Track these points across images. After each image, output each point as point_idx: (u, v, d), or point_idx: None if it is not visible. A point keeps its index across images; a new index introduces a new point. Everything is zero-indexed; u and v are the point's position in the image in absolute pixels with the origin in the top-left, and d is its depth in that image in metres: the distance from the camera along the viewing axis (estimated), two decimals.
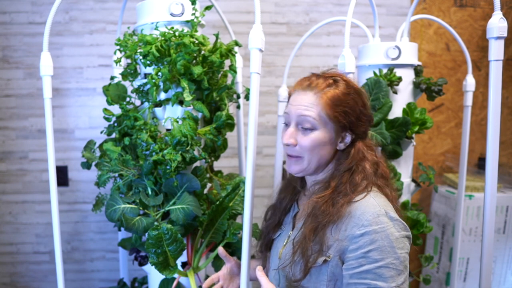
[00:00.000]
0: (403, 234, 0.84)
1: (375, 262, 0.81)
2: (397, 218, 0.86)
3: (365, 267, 0.82)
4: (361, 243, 0.82)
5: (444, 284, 2.07)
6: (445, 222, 2.05)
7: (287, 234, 1.00)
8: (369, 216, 0.83)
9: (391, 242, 0.82)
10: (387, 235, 0.82)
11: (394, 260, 0.81)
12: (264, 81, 2.02)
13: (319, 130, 0.90)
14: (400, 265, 0.82)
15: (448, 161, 2.20)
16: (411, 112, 1.37)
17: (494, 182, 1.08)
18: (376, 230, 0.82)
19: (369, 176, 0.91)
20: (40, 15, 1.92)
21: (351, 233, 0.84)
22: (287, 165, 0.96)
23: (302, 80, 0.95)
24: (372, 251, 0.81)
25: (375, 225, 0.82)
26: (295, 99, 0.93)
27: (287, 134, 0.92)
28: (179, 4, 1.21)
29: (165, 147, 1.19)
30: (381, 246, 0.81)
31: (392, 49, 1.35)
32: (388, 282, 0.80)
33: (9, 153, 1.98)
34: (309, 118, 0.89)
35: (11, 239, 2.04)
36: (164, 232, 1.12)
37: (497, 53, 1.02)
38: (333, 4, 2.02)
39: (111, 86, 1.29)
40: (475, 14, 2.10)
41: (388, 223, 0.83)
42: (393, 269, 0.81)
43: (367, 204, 0.86)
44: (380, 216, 0.83)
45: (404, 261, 0.83)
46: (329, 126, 0.90)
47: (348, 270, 0.84)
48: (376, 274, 0.81)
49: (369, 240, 0.82)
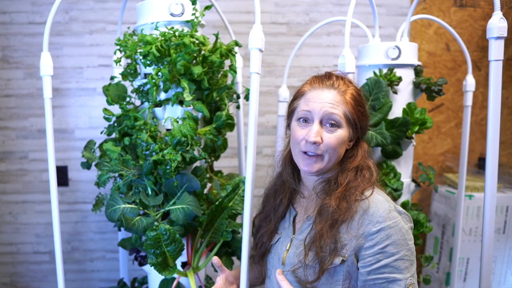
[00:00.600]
0: (410, 226, 0.89)
1: (392, 256, 0.84)
2: (403, 211, 0.89)
3: (383, 261, 0.84)
4: (377, 239, 0.85)
5: (444, 284, 2.07)
6: (445, 222, 2.05)
7: (288, 238, 0.99)
8: (382, 212, 0.86)
9: (404, 234, 0.85)
10: (400, 228, 0.85)
11: (407, 251, 0.85)
12: (264, 81, 2.02)
13: (342, 128, 0.91)
14: (411, 255, 0.86)
15: (448, 161, 2.20)
16: (411, 112, 1.37)
17: (494, 182, 1.08)
18: (390, 226, 0.85)
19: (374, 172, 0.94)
20: (40, 15, 1.92)
21: (367, 231, 0.86)
22: (305, 164, 0.92)
23: (321, 79, 0.94)
24: (388, 245, 0.84)
25: (389, 221, 0.85)
26: (317, 96, 0.91)
27: (313, 131, 0.88)
28: (179, 4, 1.21)
29: (165, 147, 1.19)
30: (396, 240, 0.84)
31: (392, 49, 1.35)
32: (404, 273, 0.84)
33: (9, 153, 1.98)
34: (336, 116, 0.89)
35: (11, 239, 2.04)
36: (162, 232, 1.12)
37: (497, 53, 1.02)
38: (333, 4, 2.02)
39: (111, 86, 1.29)
40: (475, 14, 2.10)
41: (398, 217, 0.87)
42: (407, 260, 0.85)
43: (377, 200, 0.89)
44: (392, 212, 0.87)
45: (414, 251, 0.87)
46: (349, 125, 0.92)
47: (365, 267, 0.86)
48: (393, 267, 0.84)
49: (385, 235, 0.84)
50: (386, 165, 1.37)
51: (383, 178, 1.35)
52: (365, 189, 0.91)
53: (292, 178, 1.02)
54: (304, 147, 0.91)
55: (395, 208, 0.88)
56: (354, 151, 0.95)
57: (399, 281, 0.84)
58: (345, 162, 0.95)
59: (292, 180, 1.02)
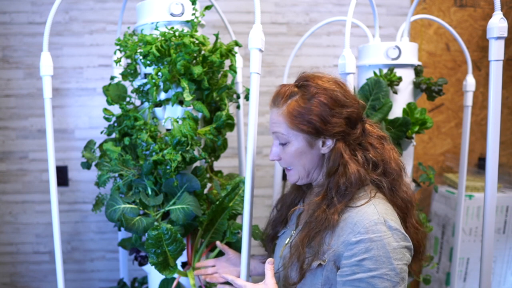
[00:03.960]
0: (402, 245, 0.81)
1: (368, 271, 0.79)
2: (397, 227, 0.82)
3: (358, 275, 0.80)
4: (355, 250, 0.81)
5: (444, 284, 2.07)
6: (445, 222, 2.05)
7: (290, 233, 1.00)
8: (366, 223, 0.81)
9: (388, 252, 0.79)
10: (384, 244, 0.79)
11: (389, 271, 0.79)
12: (264, 81, 2.02)
13: (291, 142, 0.91)
14: (395, 276, 0.79)
15: (448, 161, 2.20)
16: (411, 112, 1.37)
17: (494, 182, 1.08)
18: (372, 239, 0.80)
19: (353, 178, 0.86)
20: (40, 15, 1.92)
21: (347, 239, 0.82)
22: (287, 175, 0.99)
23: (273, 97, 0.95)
24: (366, 259, 0.80)
25: (372, 233, 0.80)
26: (270, 116, 0.95)
27: (271, 151, 0.95)
28: (179, 4, 1.21)
29: (165, 147, 1.19)
30: (376, 256, 0.79)
31: (392, 49, 1.35)
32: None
33: (9, 153, 1.98)
34: (279, 134, 0.92)
35: (11, 239, 2.04)
36: (164, 232, 1.12)
37: (497, 53, 1.02)
38: (333, 4, 2.02)
39: (111, 86, 1.29)
40: (475, 14, 2.10)
41: (386, 232, 0.80)
42: (387, 280, 0.79)
43: (365, 211, 0.84)
44: (378, 225, 0.81)
45: (401, 273, 0.80)
46: (300, 137, 0.90)
47: (341, 277, 0.83)
48: (369, 283, 0.79)
49: (364, 248, 0.80)
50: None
51: None
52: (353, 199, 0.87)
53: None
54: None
55: (384, 222, 0.81)
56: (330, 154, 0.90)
57: None
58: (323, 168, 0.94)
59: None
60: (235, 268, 1.20)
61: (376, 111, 1.33)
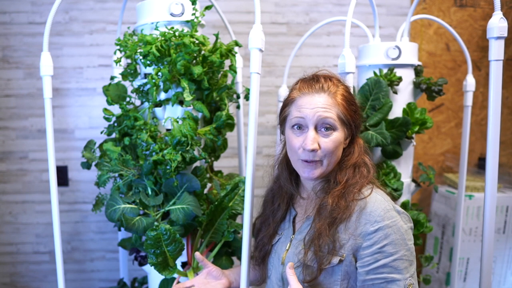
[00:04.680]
0: (410, 226, 0.88)
1: (390, 256, 0.83)
2: (402, 210, 0.89)
3: (381, 261, 0.84)
4: (375, 238, 0.84)
5: (444, 284, 2.07)
6: (445, 222, 2.05)
7: (288, 238, 0.99)
8: (380, 211, 0.85)
9: (402, 234, 0.85)
10: (398, 228, 0.85)
11: (406, 251, 0.84)
12: (264, 81, 2.02)
13: (337, 130, 0.90)
14: (411, 255, 0.85)
15: (448, 161, 2.20)
16: (411, 112, 1.37)
17: (494, 182, 1.08)
18: (388, 225, 0.84)
19: (371, 169, 0.94)
20: (40, 15, 1.92)
21: (364, 230, 0.85)
22: (305, 171, 0.91)
23: (309, 83, 0.92)
24: (387, 245, 0.84)
25: (387, 220, 0.85)
26: (308, 102, 0.89)
27: (310, 139, 0.87)
28: (179, 4, 1.21)
29: (165, 147, 1.19)
30: (394, 240, 0.84)
31: (392, 49, 1.35)
32: (403, 273, 0.83)
33: (9, 153, 1.98)
34: (330, 119, 0.88)
35: (11, 239, 2.04)
36: (163, 232, 1.12)
37: (497, 53, 1.02)
38: (333, 4, 2.02)
39: (111, 86, 1.29)
40: (475, 14, 2.10)
41: (397, 217, 0.86)
42: (406, 260, 0.84)
43: (375, 200, 0.88)
44: (390, 211, 0.86)
45: (413, 252, 0.87)
46: (344, 126, 0.91)
47: (364, 267, 0.85)
48: (392, 267, 0.83)
49: (383, 235, 0.84)
50: (386, 165, 1.37)
51: (383, 178, 1.35)
52: (363, 186, 0.91)
53: (290, 182, 1.01)
54: (303, 155, 0.90)
55: (393, 208, 0.87)
56: (351, 149, 0.95)
57: (398, 281, 0.83)
58: (343, 160, 0.94)
59: (289, 184, 1.01)
60: (218, 281, 1.10)
61: (376, 111, 1.33)
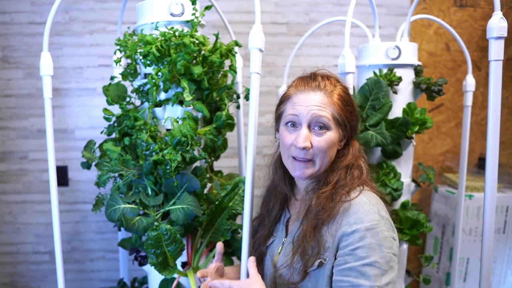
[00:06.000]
0: (391, 235, 0.83)
1: (360, 259, 0.80)
2: (388, 217, 0.85)
3: (349, 264, 0.81)
4: (351, 240, 0.82)
5: (444, 284, 2.07)
6: (445, 222, 2.05)
7: (280, 241, 0.99)
8: (361, 213, 0.83)
9: (379, 240, 0.81)
10: (377, 232, 0.81)
11: (379, 259, 0.80)
12: (264, 81, 2.02)
13: (331, 130, 0.88)
14: (385, 264, 0.80)
15: (448, 161, 2.20)
16: (411, 112, 1.37)
17: (494, 182, 1.08)
18: (367, 227, 0.81)
19: (364, 172, 0.92)
20: (40, 15, 1.92)
21: (343, 231, 0.83)
22: (295, 169, 0.91)
23: (306, 80, 0.92)
24: (359, 248, 0.81)
25: (367, 223, 0.82)
26: (304, 99, 0.88)
27: (302, 137, 0.86)
28: (179, 4, 1.21)
29: (165, 147, 1.19)
30: (369, 244, 0.80)
31: (392, 49, 1.35)
32: (370, 280, 0.79)
33: (9, 153, 1.98)
34: (324, 118, 0.87)
35: (11, 239, 2.04)
36: (163, 232, 1.12)
37: (497, 53, 1.02)
38: (333, 4, 2.02)
39: (111, 86, 1.29)
40: (475, 14, 2.10)
41: (379, 221, 0.83)
42: (377, 268, 0.79)
43: (359, 202, 0.85)
44: (372, 214, 0.83)
45: (390, 262, 0.81)
46: (339, 126, 0.90)
47: (336, 267, 0.84)
48: (359, 272, 0.80)
49: (359, 237, 0.81)
50: (386, 165, 1.37)
51: (383, 178, 1.35)
52: (353, 188, 0.88)
53: (284, 182, 1.00)
54: (294, 152, 0.89)
55: (377, 212, 0.84)
56: (345, 151, 0.94)
57: (364, 287, 0.79)
58: (335, 162, 0.93)
59: (283, 184, 1.01)
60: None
61: (376, 111, 1.33)
